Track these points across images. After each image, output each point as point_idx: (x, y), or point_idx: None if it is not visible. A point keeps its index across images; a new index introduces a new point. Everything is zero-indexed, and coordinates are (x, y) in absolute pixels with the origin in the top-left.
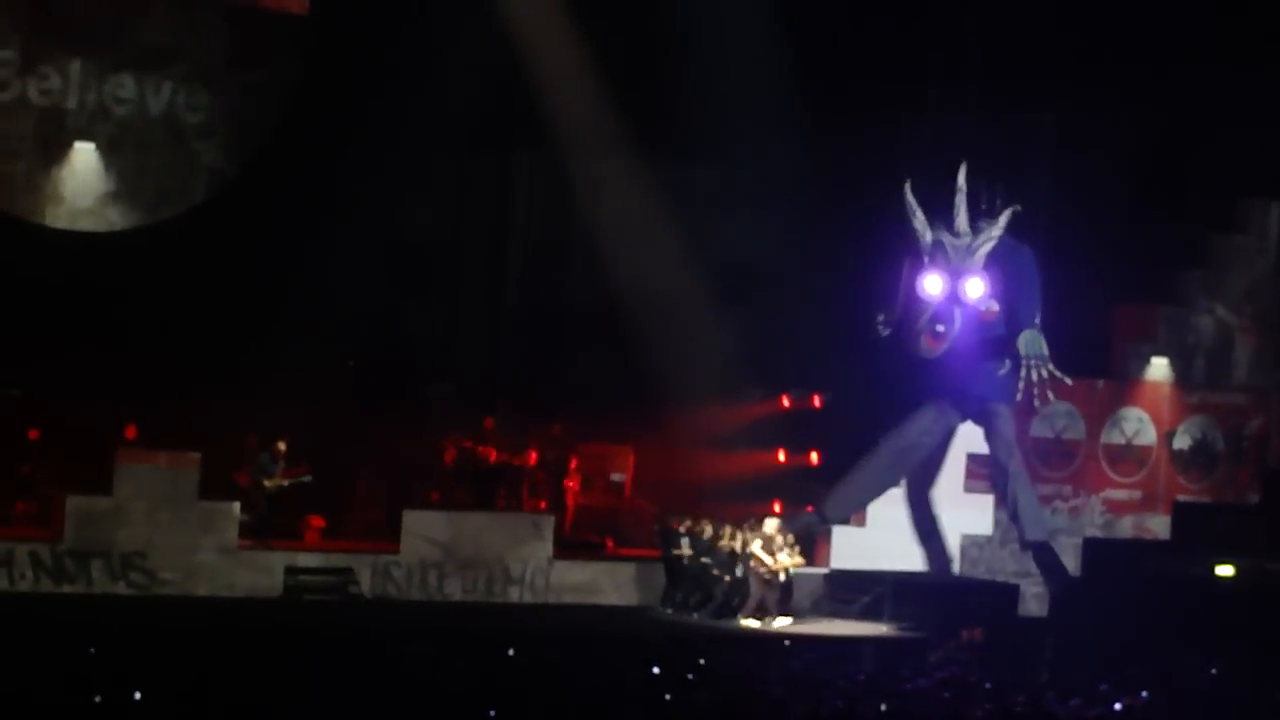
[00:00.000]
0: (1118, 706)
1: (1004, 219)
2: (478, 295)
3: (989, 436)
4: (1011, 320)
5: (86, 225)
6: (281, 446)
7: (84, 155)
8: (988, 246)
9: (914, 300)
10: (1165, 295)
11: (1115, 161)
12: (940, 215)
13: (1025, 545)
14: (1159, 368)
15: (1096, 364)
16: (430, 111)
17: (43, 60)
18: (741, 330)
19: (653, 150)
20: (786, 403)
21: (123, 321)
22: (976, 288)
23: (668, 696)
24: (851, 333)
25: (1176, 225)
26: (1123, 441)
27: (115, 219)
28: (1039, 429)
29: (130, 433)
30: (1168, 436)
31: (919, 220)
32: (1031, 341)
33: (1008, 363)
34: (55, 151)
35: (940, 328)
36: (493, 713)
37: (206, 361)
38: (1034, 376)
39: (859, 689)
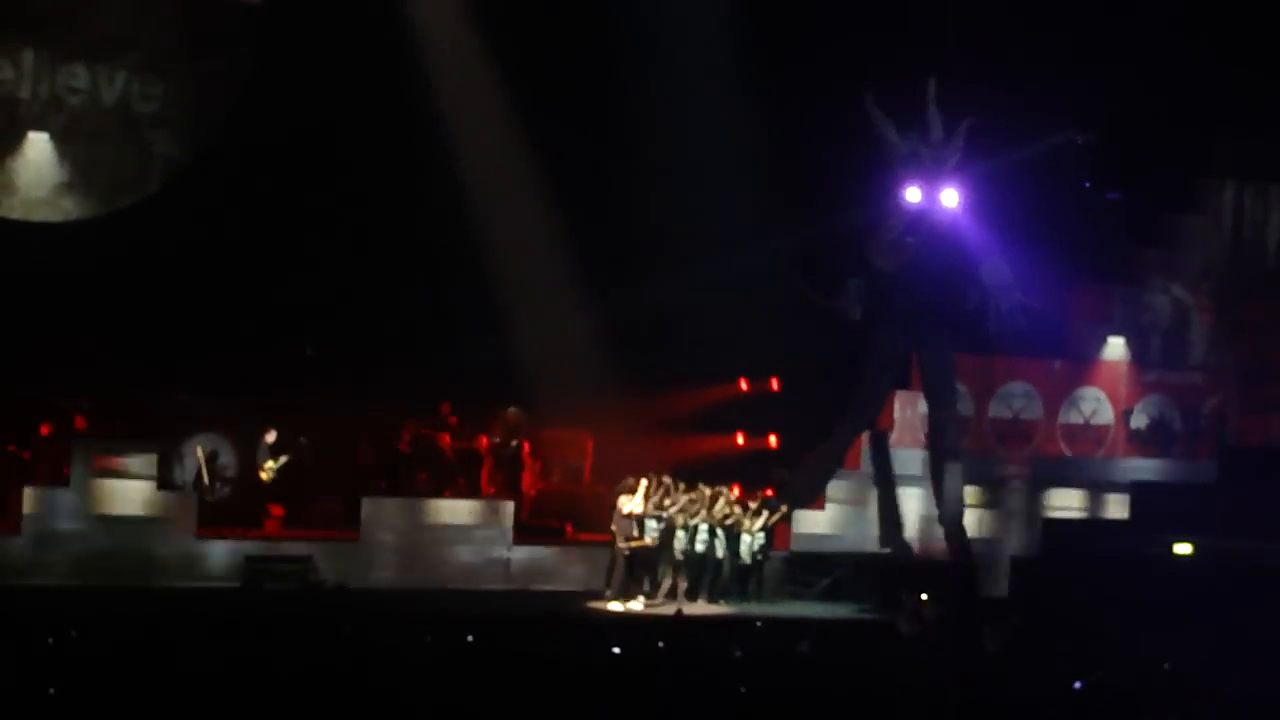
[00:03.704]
0: (1076, 685)
1: (962, 129)
2: (433, 281)
3: (926, 370)
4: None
5: (41, 216)
6: (270, 437)
7: (38, 145)
8: (956, 158)
9: (884, 214)
10: (1121, 275)
11: (1070, 141)
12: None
13: (940, 521)
14: (1115, 347)
15: (1053, 344)
16: (386, 100)
17: None
18: (695, 314)
19: (604, 124)
20: (744, 386)
21: (78, 312)
22: (952, 197)
23: (634, 678)
24: (808, 314)
25: (1132, 205)
26: (1080, 421)
27: (70, 209)
28: (997, 409)
29: (79, 423)
30: (1125, 415)
31: (892, 132)
32: (994, 271)
33: (976, 299)
34: (9, 142)
35: (911, 239)
36: (453, 698)
37: (161, 352)
38: (1002, 308)
39: (824, 669)
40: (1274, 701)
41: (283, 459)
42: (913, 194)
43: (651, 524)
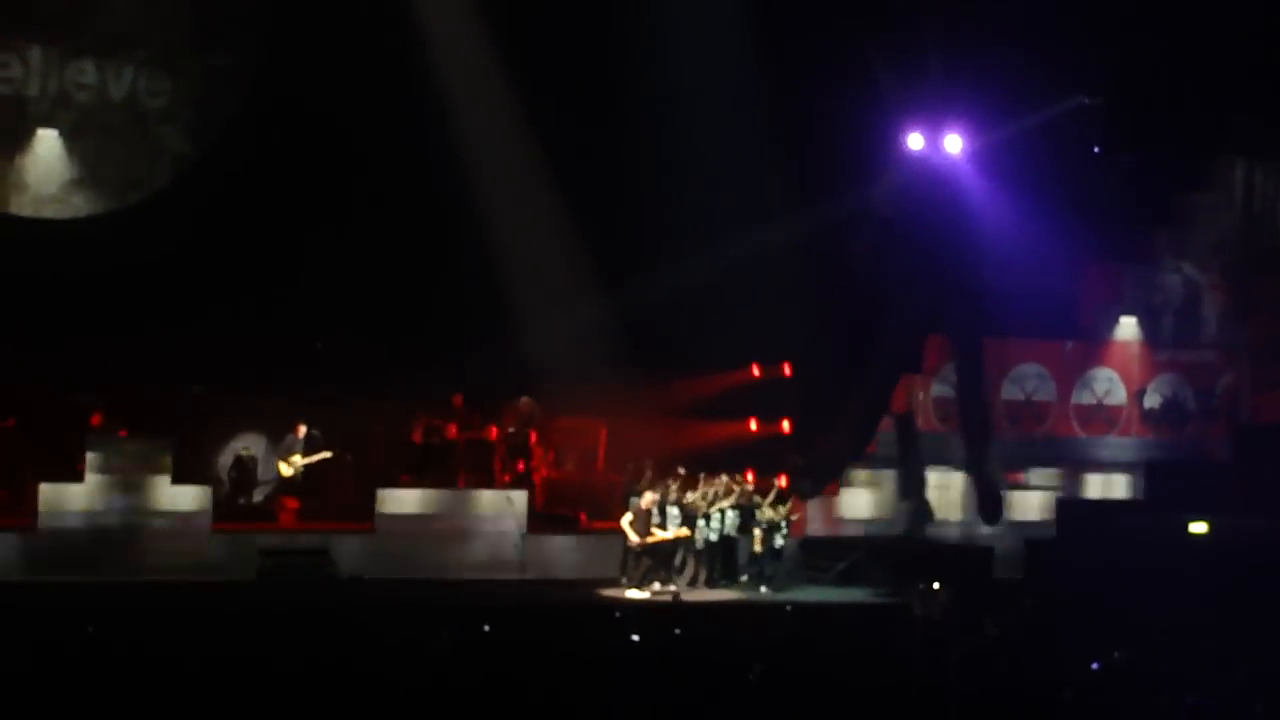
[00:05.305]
0: (1094, 666)
1: (965, 72)
2: (444, 271)
3: (956, 352)
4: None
5: (51, 213)
6: (301, 430)
7: (47, 142)
8: (960, 103)
9: (887, 160)
10: (1132, 254)
11: (1080, 119)
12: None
13: (979, 506)
14: (1127, 327)
15: (1065, 325)
16: (394, 92)
17: (3, 48)
18: (707, 301)
19: (611, 113)
20: (757, 372)
21: (88, 308)
22: (955, 143)
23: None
24: (820, 299)
25: (1143, 183)
26: (1093, 402)
27: (80, 205)
28: (1010, 391)
29: (96, 420)
30: (1138, 395)
31: (895, 77)
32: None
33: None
34: (18, 139)
35: (914, 184)
36: (471, 689)
37: (173, 346)
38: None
39: (839, 656)
40: None
41: (320, 454)
42: (915, 140)
43: (674, 511)
